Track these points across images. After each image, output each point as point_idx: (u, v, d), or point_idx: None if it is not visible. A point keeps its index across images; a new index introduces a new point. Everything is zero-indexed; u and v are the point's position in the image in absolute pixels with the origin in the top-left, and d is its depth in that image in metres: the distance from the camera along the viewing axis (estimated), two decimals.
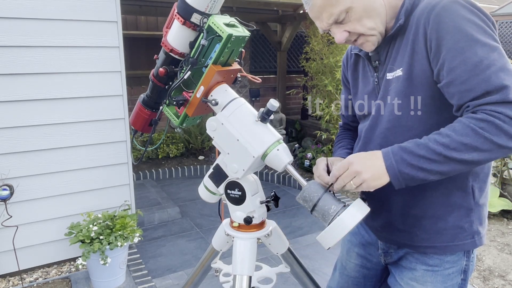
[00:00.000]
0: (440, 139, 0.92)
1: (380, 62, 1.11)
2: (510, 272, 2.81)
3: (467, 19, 0.93)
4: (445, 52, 0.93)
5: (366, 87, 1.18)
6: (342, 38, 1.05)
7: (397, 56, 1.05)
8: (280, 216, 3.89)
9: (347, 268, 1.38)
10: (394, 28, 1.04)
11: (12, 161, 2.53)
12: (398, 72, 1.04)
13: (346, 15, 1.01)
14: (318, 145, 5.17)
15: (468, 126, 0.91)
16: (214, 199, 1.23)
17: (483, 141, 0.89)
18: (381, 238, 1.25)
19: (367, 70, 1.18)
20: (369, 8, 1.01)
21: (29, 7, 2.41)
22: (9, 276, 2.68)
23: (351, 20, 1.02)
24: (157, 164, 5.14)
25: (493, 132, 0.88)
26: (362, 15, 1.01)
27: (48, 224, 2.71)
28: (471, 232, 1.11)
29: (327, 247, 0.99)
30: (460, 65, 0.92)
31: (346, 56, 1.32)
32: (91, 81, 2.69)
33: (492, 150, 0.90)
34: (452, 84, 0.94)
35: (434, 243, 1.11)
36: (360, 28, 1.03)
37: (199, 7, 1.02)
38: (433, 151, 0.92)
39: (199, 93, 1.08)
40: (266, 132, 1.06)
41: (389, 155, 0.97)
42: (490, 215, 3.64)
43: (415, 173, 0.94)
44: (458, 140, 0.90)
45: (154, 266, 2.95)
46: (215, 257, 1.30)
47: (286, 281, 2.65)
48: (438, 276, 1.13)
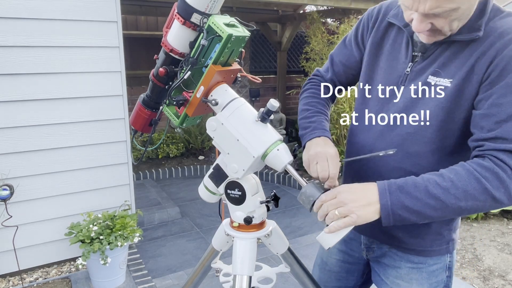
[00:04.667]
0: (441, 182, 0.88)
1: (424, 56, 1.01)
2: (510, 272, 2.81)
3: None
4: (500, 86, 0.89)
5: (392, 67, 1.07)
6: (425, 29, 0.92)
7: (451, 64, 0.96)
8: (280, 216, 3.89)
9: (328, 263, 1.37)
10: (465, 35, 0.94)
11: (12, 161, 2.53)
12: (445, 81, 0.97)
13: (448, 12, 0.88)
14: None
15: (471, 174, 0.88)
16: (214, 199, 1.23)
17: (482, 191, 0.87)
18: (363, 233, 1.24)
19: (399, 48, 1.07)
20: (467, 12, 0.91)
21: (29, 7, 2.41)
22: (9, 276, 2.68)
23: (447, 18, 0.89)
24: (157, 164, 5.14)
25: (495, 184, 0.86)
26: (458, 17, 0.90)
27: (48, 224, 2.71)
28: (448, 239, 1.13)
29: (327, 247, 0.99)
30: (507, 104, 0.88)
31: (376, 15, 1.15)
32: (91, 81, 2.69)
33: (486, 201, 0.87)
34: (487, 117, 0.90)
35: (414, 246, 1.13)
36: (447, 28, 0.92)
37: (199, 7, 1.02)
38: (431, 195, 0.88)
39: (199, 93, 1.08)
40: (266, 132, 1.06)
41: (385, 194, 0.91)
42: (490, 215, 3.64)
43: (408, 216, 0.90)
44: (459, 186, 0.87)
45: (154, 266, 2.95)
46: (215, 257, 1.30)
47: (286, 281, 2.65)
48: (423, 273, 1.14)
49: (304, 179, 1.05)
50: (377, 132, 1.09)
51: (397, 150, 1.00)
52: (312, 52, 4.95)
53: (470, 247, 3.15)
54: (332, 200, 0.93)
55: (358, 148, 1.15)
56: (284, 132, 5.63)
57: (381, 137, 1.08)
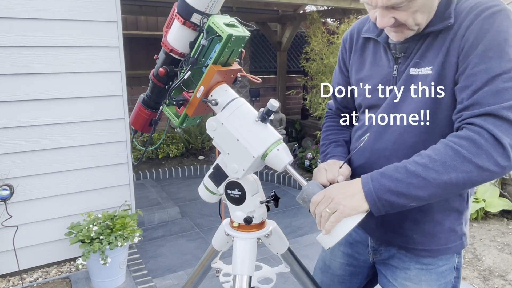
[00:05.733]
0: (419, 160, 0.89)
1: (405, 55, 1.04)
2: (510, 272, 2.81)
3: (506, 31, 0.89)
4: (473, 56, 0.90)
5: (379, 75, 1.10)
6: (389, 23, 0.96)
7: (428, 52, 0.99)
8: (280, 216, 3.89)
9: (332, 267, 1.36)
10: (438, 25, 0.97)
11: (12, 161, 2.53)
12: (426, 69, 0.99)
13: (407, 3, 0.91)
14: (318, 145, 5.17)
15: (447, 145, 0.88)
16: (214, 199, 1.23)
17: (462, 160, 0.85)
18: (373, 236, 1.23)
19: (380, 58, 1.10)
20: (428, 3, 0.94)
21: (29, 7, 2.41)
22: (9, 276, 2.68)
23: (407, 10, 0.93)
24: (157, 164, 5.14)
25: (473, 151, 0.85)
26: (418, 9, 0.93)
27: (48, 224, 2.71)
28: (460, 234, 1.12)
29: (327, 247, 0.99)
30: (480, 73, 0.89)
31: (349, 37, 1.21)
32: (91, 81, 2.69)
33: (471, 171, 0.85)
34: (465, 89, 0.91)
35: (429, 246, 1.11)
36: (410, 21, 0.95)
37: (199, 7, 1.02)
38: (411, 173, 0.88)
39: (199, 93, 1.08)
40: (266, 132, 1.06)
41: (367, 181, 0.93)
42: (490, 215, 3.65)
43: (395, 199, 0.90)
44: (436, 159, 0.87)
45: (154, 266, 2.95)
46: (215, 257, 1.30)
47: (286, 281, 2.65)
48: (432, 274, 1.13)
49: (304, 179, 1.05)
50: (374, 133, 1.11)
51: (395, 144, 1.03)
52: (312, 52, 4.95)
53: (470, 247, 3.15)
54: (322, 200, 0.96)
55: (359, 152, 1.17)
56: (284, 132, 5.63)
57: (378, 136, 1.10)
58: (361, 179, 0.95)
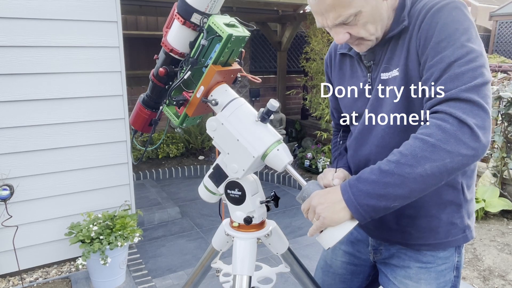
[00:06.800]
0: (391, 158, 0.90)
1: (375, 62, 1.09)
2: (510, 272, 2.81)
3: (456, 21, 0.92)
4: (429, 49, 0.93)
5: (356, 86, 1.15)
6: (344, 39, 1.02)
7: (393, 56, 1.03)
8: (280, 216, 3.90)
9: (333, 265, 1.37)
10: (396, 29, 1.02)
11: (12, 161, 2.53)
12: (394, 72, 1.02)
13: (354, 18, 0.97)
14: (318, 145, 5.17)
15: (416, 138, 0.88)
16: (214, 199, 1.23)
17: (432, 149, 0.85)
18: (373, 236, 1.25)
19: (356, 70, 1.16)
20: (376, 14, 0.98)
21: (29, 7, 2.41)
22: (9, 276, 2.68)
23: (357, 24, 0.98)
24: (157, 164, 5.15)
25: (440, 137, 0.84)
26: (368, 20, 0.98)
27: (48, 224, 2.71)
28: (462, 227, 1.13)
29: (327, 247, 0.99)
30: (438, 63, 0.91)
31: (329, 56, 1.28)
32: (91, 81, 2.69)
33: (444, 158, 0.84)
34: (427, 81, 0.93)
35: (428, 240, 1.12)
36: (364, 33, 1.00)
37: (199, 7, 1.02)
38: (385, 172, 0.89)
39: (199, 93, 1.08)
40: (266, 132, 1.06)
41: (346, 189, 0.94)
42: (490, 215, 3.65)
43: (375, 203, 0.89)
44: (407, 153, 0.87)
45: (154, 266, 2.95)
46: (215, 257, 1.30)
47: (286, 281, 2.65)
48: (432, 273, 1.14)
49: (304, 179, 1.06)
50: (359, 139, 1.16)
51: (378, 147, 1.06)
52: (312, 52, 4.95)
53: (470, 247, 3.15)
54: (309, 208, 1.00)
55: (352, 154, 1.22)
56: (284, 132, 5.63)
57: (361, 139, 1.15)
58: (340, 187, 0.97)
